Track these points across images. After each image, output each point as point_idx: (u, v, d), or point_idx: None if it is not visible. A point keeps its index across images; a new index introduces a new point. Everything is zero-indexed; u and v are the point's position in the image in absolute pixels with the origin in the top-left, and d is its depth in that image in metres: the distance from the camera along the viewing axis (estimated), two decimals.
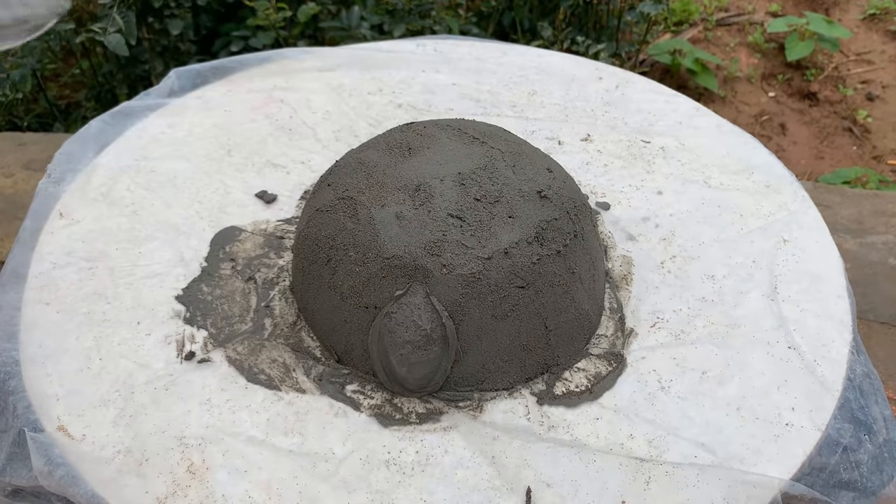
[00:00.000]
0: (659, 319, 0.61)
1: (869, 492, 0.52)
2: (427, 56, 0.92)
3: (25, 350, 0.57)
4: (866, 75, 2.15)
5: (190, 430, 0.53)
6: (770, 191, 0.73)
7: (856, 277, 1.26)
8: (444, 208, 0.55)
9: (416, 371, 0.53)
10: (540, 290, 0.55)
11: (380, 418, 0.54)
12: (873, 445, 0.54)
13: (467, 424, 0.54)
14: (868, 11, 2.31)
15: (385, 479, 0.50)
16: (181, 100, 0.83)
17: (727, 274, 0.65)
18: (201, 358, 0.57)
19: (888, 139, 1.98)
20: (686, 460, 0.52)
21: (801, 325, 0.61)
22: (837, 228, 1.36)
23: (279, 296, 0.62)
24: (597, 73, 0.90)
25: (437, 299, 0.53)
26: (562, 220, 0.57)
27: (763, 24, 2.28)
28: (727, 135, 0.81)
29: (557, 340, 0.57)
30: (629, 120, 0.82)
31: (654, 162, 0.77)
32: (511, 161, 0.59)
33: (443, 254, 0.53)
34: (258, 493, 0.49)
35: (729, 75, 2.12)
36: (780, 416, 0.54)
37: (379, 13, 1.60)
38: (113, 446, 0.51)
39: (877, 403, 0.57)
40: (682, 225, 0.70)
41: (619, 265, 0.66)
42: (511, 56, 0.92)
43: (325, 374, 0.56)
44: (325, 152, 0.77)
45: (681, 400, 0.55)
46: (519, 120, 0.82)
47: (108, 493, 0.49)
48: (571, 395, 0.55)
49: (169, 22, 1.51)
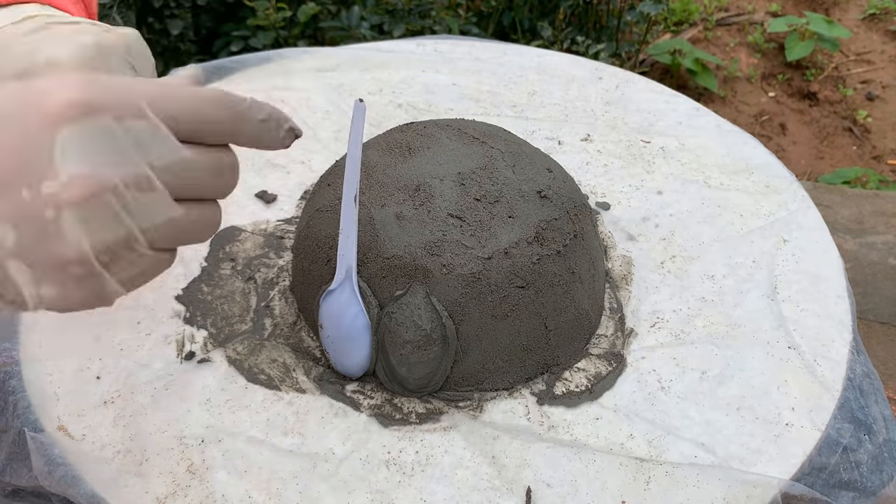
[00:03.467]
0: (659, 319, 0.61)
1: (869, 492, 0.52)
2: (427, 56, 0.92)
3: (25, 350, 0.57)
4: (866, 75, 2.15)
5: (190, 430, 0.53)
6: (770, 191, 0.73)
7: (856, 277, 1.26)
8: (444, 208, 0.55)
9: (416, 371, 0.53)
10: (540, 290, 0.55)
11: (380, 418, 0.54)
12: (873, 445, 0.54)
13: (467, 424, 0.54)
14: (868, 11, 2.31)
15: (385, 479, 0.50)
16: None
17: (727, 274, 0.65)
18: (201, 358, 0.57)
19: (888, 139, 1.98)
20: (686, 460, 0.52)
21: (801, 325, 0.61)
22: (837, 228, 1.36)
23: (279, 296, 0.62)
24: (597, 73, 0.90)
25: (437, 299, 0.53)
26: (562, 220, 0.57)
27: (763, 24, 2.28)
28: (727, 135, 0.81)
29: (557, 340, 0.57)
30: (629, 120, 0.82)
31: (654, 162, 0.77)
32: (511, 161, 0.59)
33: (443, 254, 0.53)
34: (258, 493, 0.49)
35: (729, 75, 2.12)
36: (780, 416, 0.54)
37: (379, 13, 1.60)
38: (113, 446, 0.51)
39: (877, 403, 0.57)
40: (682, 225, 0.70)
41: (619, 265, 0.66)
42: (511, 56, 0.92)
43: (325, 374, 0.56)
44: (325, 152, 0.77)
45: (681, 400, 0.56)
46: (519, 120, 0.82)
47: (108, 493, 0.49)
48: (571, 395, 0.55)
49: (169, 22, 1.51)
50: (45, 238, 0.33)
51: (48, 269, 0.34)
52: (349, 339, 0.54)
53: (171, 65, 1.56)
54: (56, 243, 0.33)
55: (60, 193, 0.32)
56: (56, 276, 0.34)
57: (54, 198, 0.32)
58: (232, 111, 0.37)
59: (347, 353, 0.54)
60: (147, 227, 0.35)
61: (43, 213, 0.33)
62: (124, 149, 0.34)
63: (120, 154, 0.34)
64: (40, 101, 0.33)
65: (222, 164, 0.37)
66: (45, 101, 0.33)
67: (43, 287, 0.34)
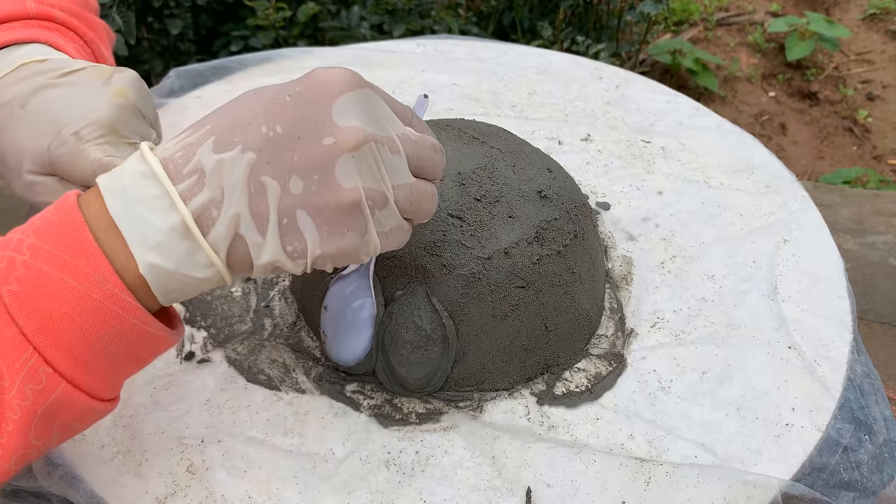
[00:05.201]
0: (659, 319, 0.61)
1: (869, 492, 0.52)
2: (427, 56, 0.92)
3: None
4: (866, 75, 2.15)
5: (190, 430, 0.53)
6: (770, 191, 0.73)
7: (856, 277, 1.26)
8: (444, 208, 0.55)
9: (416, 371, 0.53)
10: (540, 290, 0.55)
11: (380, 418, 0.54)
12: (873, 445, 0.54)
13: (467, 424, 0.54)
14: (868, 11, 2.31)
15: (385, 479, 0.50)
16: (181, 99, 0.83)
17: (727, 274, 0.65)
18: (201, 358, 0.57)
19: (888, 139, 1.98)
20: (686, 460, 0.52)
21: (801, 325, 0.61)
22: (837, 228, 1.36)
23: (279, 296, 0.62)
24: (597, 73, 0.90)
25: (437, 299, 0.53)
26: (562, 220, 0.57)
27: (763, 23, 2.28)
28: (727, 135, 0.81)
29: (557, 340, 0.56)
30: (629, 120, 0.82)
31: (654, 162, 0.77)
32: (511, 161, 0.59)
33: (443, 254, 0.53)
34: (258, 493, 0.49)
35: (729, 75, 2.12)
36: (781, 416, 0.54)
37: (379, 13, 1.60)
38: (113, 446, 0.51)
39: (877, 403, 0.57)
40: (682, 225, 0.70)
41: (619, 265, 0.66)
42: (511, 56, 0.92)
43: (324, 375, 0.56)
44: None
45: (681, 400, 0.55)
46: (519, 120, 0.82)
47: (108, 493, 0.49)
48: (571, 395, 0.55)
49: (169, 22, 1.51)
50: (326, 185, 0.39)
51: (328, 215, 0.40)
52: (351, 327, 0.53)
53: (171, 65, 1.56)
54: (335, 188, 0.39)
55: (339, 142, 0.39)
56: (334, 221, 0.40)
57: (335, 147, 0.39)
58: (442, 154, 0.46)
59: (344, 341, 0.53)
60: (396, 184, 0.42)
61: (326, 162, 0.39)
62: (379, 118, 0.42)
63: (376, 121, 0.41)
64: (323, 80, 0.41)
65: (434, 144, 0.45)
66: (327, 80, 0.41)
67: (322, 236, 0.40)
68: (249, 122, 0.39)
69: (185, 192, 0.38)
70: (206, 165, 0.38)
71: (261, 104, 0.40)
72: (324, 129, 0.39)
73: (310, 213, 0.39)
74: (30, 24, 0.60)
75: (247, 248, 0.39)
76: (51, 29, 0.62)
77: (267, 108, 0.39)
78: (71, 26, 0.64)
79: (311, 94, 0.40)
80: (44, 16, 0.62)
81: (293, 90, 0.40)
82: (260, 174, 0.38)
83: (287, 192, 0.39)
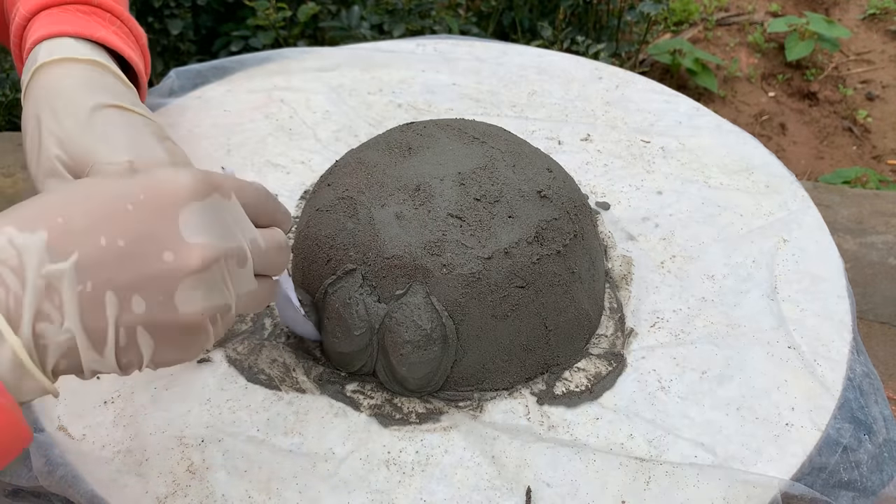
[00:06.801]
0: (659, 319, 0.61)
1: (869, 492, 0.52)
2: (427, 56, 0.92)
3: None
4: (866, 75, 2.15)
5: (190, 430, 0.53)
6: (770, 191, 0.73)
7: (856, 277, 1.26)
8: (444, 208, 0.55)
9: (416, 371, 0.53)
10: (540, 290, 0.55)
11: (380, 418, 0.54)
12: (873, 445, 0.54)
13: (467, 424, 0.54)
14: (868, 11, 2.31)
15: (385, 479, 0.50)
16: (181, 100, 0.83)
17: (727, 274, 0.65)
18: (201, 358, 0.57)
19: (888, 139, 1.98)
20: (686, 460, 0.52)
21: (801, 325, 0.61)
22: (837, 228, 1.36)
23: None
24: (597, 73, 0.90)
25: (437, 299, 0.53)
26: (562, 220, 0.57)
27: (763, 23, 2.28)
28: (727, 135, 0.81)
29: (557, 340, 0.57)
30: (629, 120, 0.82)
31: (654, 162, 0.77)
32: (511, 161, 0.59)
33: (443, 254, 0.53)
34: (258, 493, 0.49)
35: (729, 75, 2.12)
36: (780, 416, 0.54)
37: (379, 13, 1.60)
38: (113, 446, 0.51)
39: (877, 403, 0.57)
40: (682, 225, 0.70)
41: (619, 265, 0.66)
42: (511, 56, 0.92)
43: (324, 374, 0.56)
44: (325, 152, 0.77)
45: (681, 400, 0.56)
46: (519, 120, 0.82)
47: (108, 493, 0.49)
48: (571, 395, 0.55)
49: (169, 22, 1.51)
50: (171, 307, 0.37)
51: (170, 334, 0.38)
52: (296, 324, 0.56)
53: (171, 65, 1.56)
54: (179, 312, 0.38)
55: (186, 262, 0.37)
56: (176, 338, 0.38)
57: (181, 267, 0.37)
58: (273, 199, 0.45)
59: (303, 332, 0.57)
60: (239, 294, 0.41)
61: (171, 283, 0.37)
62: (230, 225, 0.40)
63: (227, 230, 0.40)
64: (169, 188, 0.38)
65: (281, 242, 0.44)
66: (173, 188, 0.38)
67: (160, 351, 0.38)
68: (86, 229, 0.36)
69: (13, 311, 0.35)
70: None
71: (100, 208, 0.37)
72: (169, 244, 0.37)
73: (149, 331, 0.37)
74: (68, 10, 0.59)
75: (79, 360, 0.37)
76: (90, 14, 0.60)
77: (107, 215, 0.36)
78: (116, 13, 0.63)
79: (156, 203, 0.37)
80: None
81: (137, 198, 0.37)
82: (99, 290, 0.36)
83: (128, 311, 0.36)
